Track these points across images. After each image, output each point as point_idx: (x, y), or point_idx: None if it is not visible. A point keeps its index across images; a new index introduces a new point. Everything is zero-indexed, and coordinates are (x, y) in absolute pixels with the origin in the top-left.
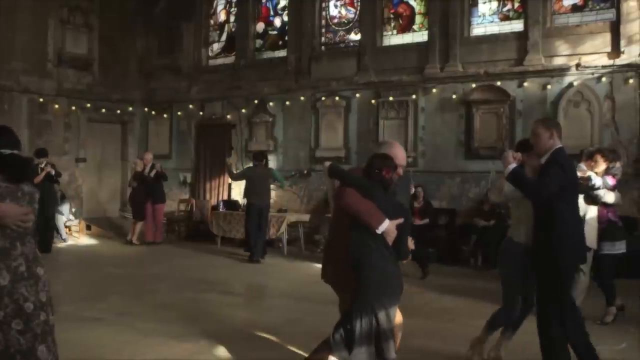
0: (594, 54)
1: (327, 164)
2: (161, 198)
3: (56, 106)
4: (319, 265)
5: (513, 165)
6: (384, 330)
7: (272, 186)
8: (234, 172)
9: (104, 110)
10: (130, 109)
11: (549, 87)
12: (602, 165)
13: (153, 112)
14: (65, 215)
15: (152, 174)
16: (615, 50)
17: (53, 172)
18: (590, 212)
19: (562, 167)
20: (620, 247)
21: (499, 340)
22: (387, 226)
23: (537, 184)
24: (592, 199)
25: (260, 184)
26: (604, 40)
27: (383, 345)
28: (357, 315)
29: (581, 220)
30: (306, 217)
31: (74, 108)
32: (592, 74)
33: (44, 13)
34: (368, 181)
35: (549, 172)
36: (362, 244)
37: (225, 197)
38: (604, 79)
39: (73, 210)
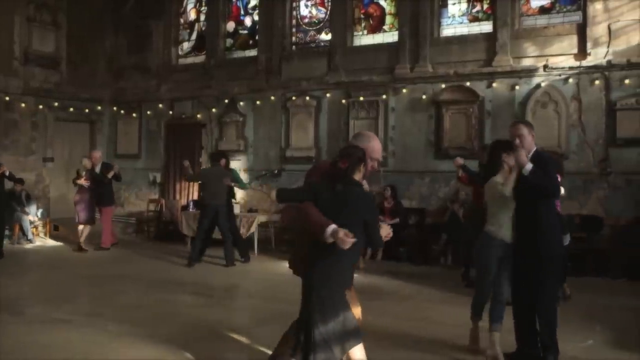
0: (561, 56)
1: (273, 195)
2: (109, 200)
3: (23, 105)
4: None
5: (530, 165)
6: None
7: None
8: (191, 173)
9: (71, 109)
10: (99, 108)
11: (517, 87)
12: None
13: (122, 112)
14: (32, 216)
15: (110, 175)
16: (582, 52)
17: (7, 173)
18: None
19: (554, 166)
20: (567, 239)
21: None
22: (331, 233)
23: (555, 183)
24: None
25: (215, 184)
26: (570, 42)
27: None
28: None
29: None
30: (277, 217)
31: (41, 107)
32: (559, 75)
33: (9, 10)
34: (314, 186)
35: (551, 171)
36: (314, 251)
37: (195, 197)
38: (570, 80)
39: (40, 210)
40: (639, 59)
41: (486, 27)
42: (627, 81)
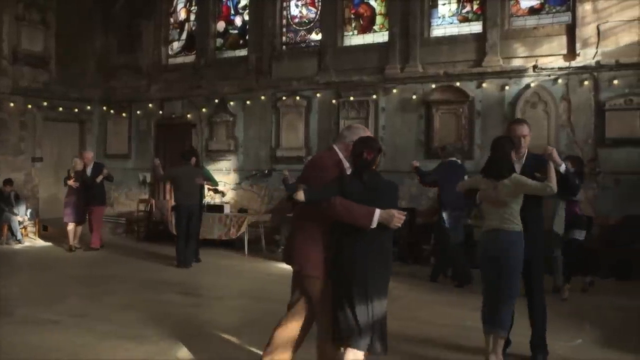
0: (551, 56)
1: (301, 196)
2: (101, 200)
3: (11, 104)
4: (280, 265)
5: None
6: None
7: (234, 185)
8: (161, 172)
9: (61, 108)
10: (89, 107)
11: (507, 88)
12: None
13: (112, 111)
14: (21, 216)
15: (99, 179)
16: (571, 53)
17: None
18: (562, 205)
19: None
20: (583, 235)
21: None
22: (379, 217)
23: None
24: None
25: (188, 184)
26: (560, 43)
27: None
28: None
29: None
30: (267, 217)
31: (30, 106)
32: (549, 75)
33: None
34: (340, 182)
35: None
36: (345, 240)
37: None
38: (560, 80)
39: (29, 210)
40: (627, 59)
41: (476, 27)
42: (615, 82)
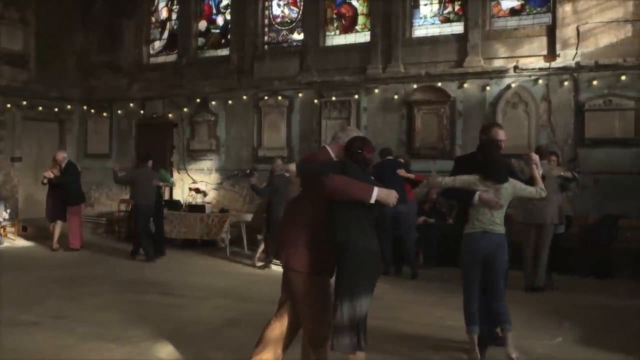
0: (531, 57)
1: (293, 167)
2: (73, 199)
3: None
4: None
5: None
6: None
7: (215, 185)
8: (119, 175)
9: (40, 108)
10: (69, 107)
11: (488, 88)
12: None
13: (92, 111)
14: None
15: (44, 181)
16: (551, 54)
17: None
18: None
19: None
20: (562, 228)
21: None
22: (378, 193)
23: None
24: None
25: (145, 185)
26: (540, 44)
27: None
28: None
29: None
30: (248, 217)
31: (9, 106)
32: (530, 76)
33: None
34: (341, 162)
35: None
36: (349, 225)
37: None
38: (540, 81)
39: (8, 211)
40: (606, 60)
41: (457, 28)
42: (595, 82)
